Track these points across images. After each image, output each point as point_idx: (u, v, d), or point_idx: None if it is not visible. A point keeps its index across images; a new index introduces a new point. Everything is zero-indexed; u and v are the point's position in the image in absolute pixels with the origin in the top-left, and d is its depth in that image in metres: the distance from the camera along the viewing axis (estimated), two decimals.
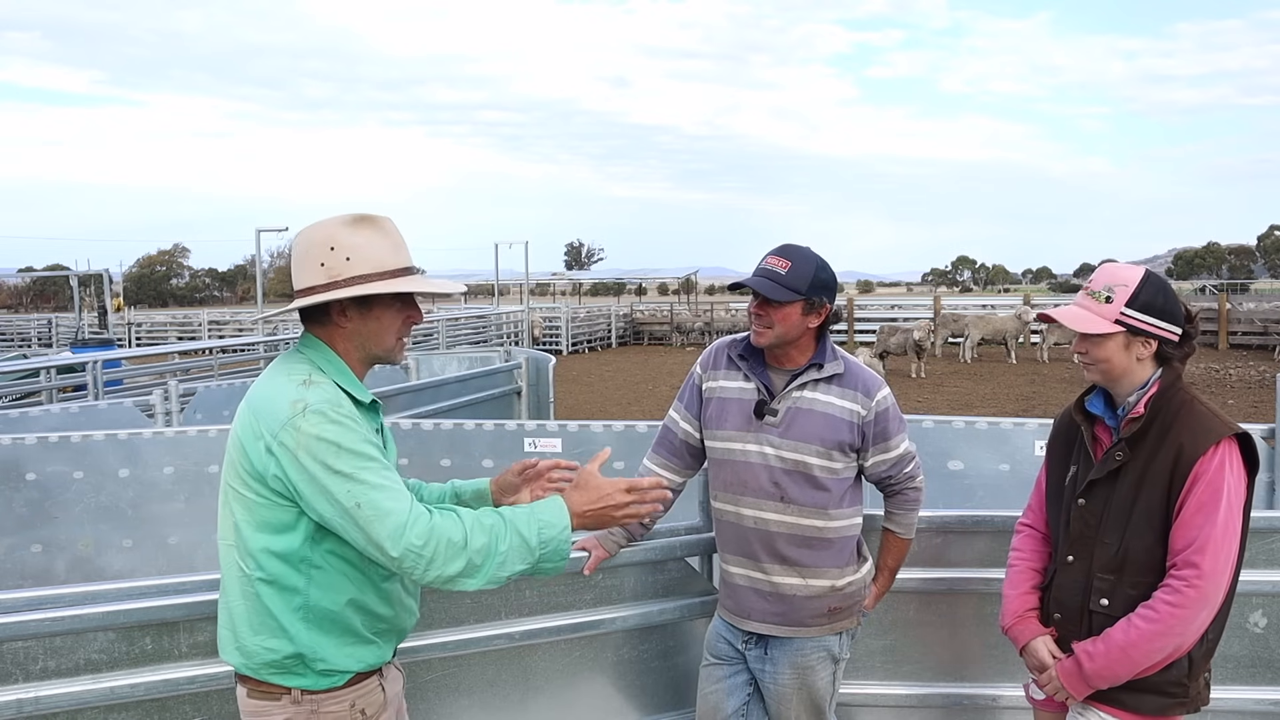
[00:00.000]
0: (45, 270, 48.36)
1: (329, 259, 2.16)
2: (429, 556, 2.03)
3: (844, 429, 2.87)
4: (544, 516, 2.15)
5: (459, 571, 2.05)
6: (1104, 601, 2.51)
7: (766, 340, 2.87)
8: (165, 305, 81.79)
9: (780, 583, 2.92)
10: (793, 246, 2.91)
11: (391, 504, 2.05)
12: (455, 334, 24.44)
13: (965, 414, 11.09)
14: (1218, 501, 2.37)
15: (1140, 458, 2.48)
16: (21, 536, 5.67)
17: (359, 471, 2.05)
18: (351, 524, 2.05)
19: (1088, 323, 2.51)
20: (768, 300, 2.82)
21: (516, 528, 2.11)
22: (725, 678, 3.04)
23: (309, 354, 2.22)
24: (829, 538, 2.90)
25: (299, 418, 2.06)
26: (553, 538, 2.14)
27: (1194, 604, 2.36)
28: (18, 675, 2.55)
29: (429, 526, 2.04)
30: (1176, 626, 2.37)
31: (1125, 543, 2.48)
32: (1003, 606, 2.76)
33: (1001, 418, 5.66)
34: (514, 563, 2.11)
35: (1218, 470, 2.39)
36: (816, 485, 2.87)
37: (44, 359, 14.59)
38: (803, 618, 2.92)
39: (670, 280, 66.46)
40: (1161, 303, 2.50)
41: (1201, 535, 2.36)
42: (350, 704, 2.20)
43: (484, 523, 2.10)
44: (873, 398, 2.90)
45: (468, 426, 6.08)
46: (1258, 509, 3.15)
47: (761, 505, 2.90)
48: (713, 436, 2.99)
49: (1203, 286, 56.62)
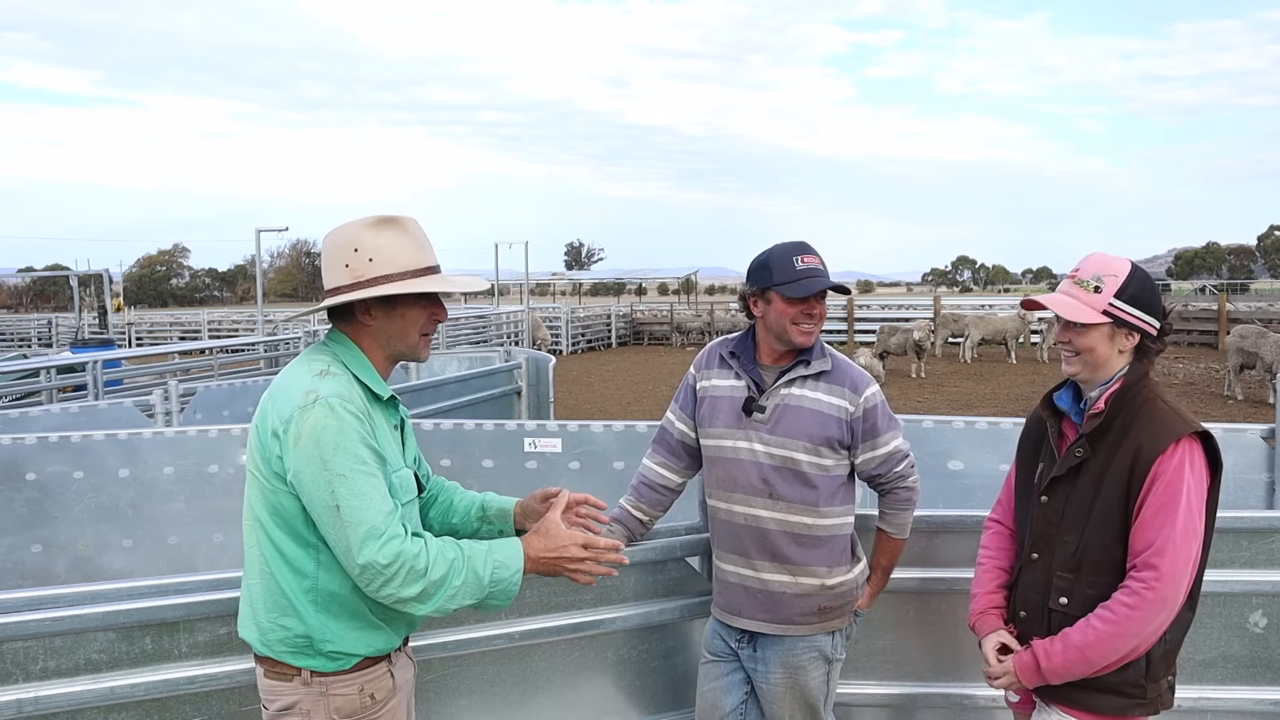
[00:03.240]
0: (45, 270, 48.34)
1: (353, 260, 2.24)
2: (389, 576, 2.09)
3: (832, 425, 2.89)
4: (499, 557, 2.22)
5: (412, 596, 2.12)
6: (1063, 600, 2.49)
7: (815, 336, 2.95)
8: (165, 305, 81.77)
9: (769, 580, 2.93)
10: (808, 243, 2.98)
11: (369, 514, 2.09)
12: (455, 334, 24.45)
13: (965, 414, 11.07)
14: (1177, 503, 2.34)
15: (1101, 455, 2.46)
16: (21, 536, 5.67)
17: (350, 473, 2.10)
18: (329, 522, 2.11)
19: (1077, 311, 2.48)
20: (821, 298, 2.92)
21: (473, 565, 2.18)
22: (723, 675, 3.05)
23: (334, 348, 2.29)
24: (819, 535, 2.91)
25: (307, 408, 2.13)
26: (504, 579, 2.21)
27: (1151, 606, 2.33)
28: (18, 675, 2.55)
29: (399, 549, 2.09)
30: (1133, 628, 2.35)
31: (1084, 541, 2.46)
32: (970, 604, 2.75)
33: (1001, 418, 5.65)
34: (463, 597, 2.18)
35: (1177, 470, 2.35)
36: (805, 482, 2.88)
37: (44, 359, 14.59)
38: (791, 615, 2.93)
39: (670, 280, 66.50)
40: (1148, 296, 2.49)
41: (1161, 537, 2.33)
42: (359, 688, 2.25)
43: (446, 555, 2.16)
44: (860, 394, 2.92)
45: (468, 426, 6.08)
46: (1258, 509, 3.16)
47: (751, 502, 2.92)
48: (705, 434, 3.02)
49: (1203, 286, 56.62)
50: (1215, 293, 41.28)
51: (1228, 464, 5.02)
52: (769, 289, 2.91)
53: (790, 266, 2.89)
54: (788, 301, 2.88)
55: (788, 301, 2.88)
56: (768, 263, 2.93)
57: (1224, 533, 3.08)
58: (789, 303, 2.88)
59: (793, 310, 2.88)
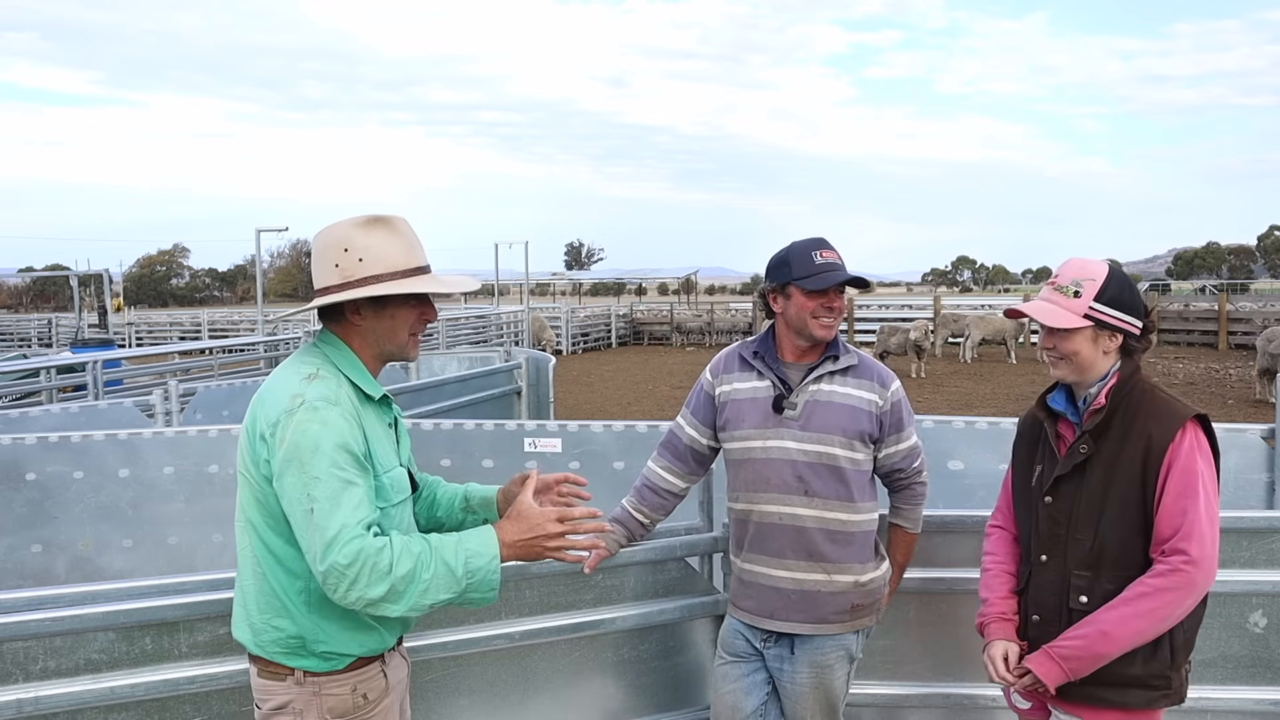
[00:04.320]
0: (45, 270, 48.29)
1: (342, 260, 2.23)
2: (352, 577, 2.04)
3: (864, 419, 2.90)
4: (471, 545, 2.16)
5: (381, 596, 2.06)
6: (1083, 599, 2.49)
7: (835, 331, 2.96)
8: (165, 305, 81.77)
9: (805, 580, 2.91)
10: (826, 239, 2.98)
11: (337, 519, 2.06)
12: (455, 334, 24.44)
13: (965, 414, 11.07)
14: (1196, 487, 2.36)
15: (1106, 450, 2.47)
16: (21, 536, 5.66)
17: (325, 477, 2.08)
18: (302, 525, 2.09)
19: (1058, 317, 2.50)
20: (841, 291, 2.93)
21: (442, 556, 2.12)
22: (743, 676, 3.02)
23: (324, 349, 2.29)
24: (852, 531, 2.91)
25: (293, 412, 2.12)
26: (480, 568, 2.14)
27: (1183, 588, 2.34)
28: (18, 675, 2.55)
29: (359, 548, 2.04)
30: (1162, 610, 2.35)
31: (1100, 537, 2.46)
32: (981, 609, 2.74)
33: (1001, 418, 5.65)
34: (438, 591, 2.11)
35: (1189, 454, 2.38)
36: (840, 477, 2.89)
37: (44, 359, 14.59)
38: (826, 614, 2.92)
39: (670, 280, 66.49)
40: (1128, 297, 2.51)
41: (1187, 521, 2.35)
42: (352, 687, 2.24)
43: (411, 549, 2.10)
44: (888, 387, 2.95)
45: (468, 426, 6.07)
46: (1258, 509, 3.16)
47: (788, 500, 2.90)
48: (731, 438, 3.00)
49: (1203, 286, 56.66)
50: (1215, 293, 41.28)
51: (1228, 464, 5.06)
52: (789, 284, 2.91)
53: (810, 261, 2.90)
54: (807, 295, 2.88)
55: (807, 295, 2.88)
56: (787, 258, 2.93)
57: (1224, 533, 3.06)
58: (809, 296, 2.88)
59: (813, 304, 2.89)
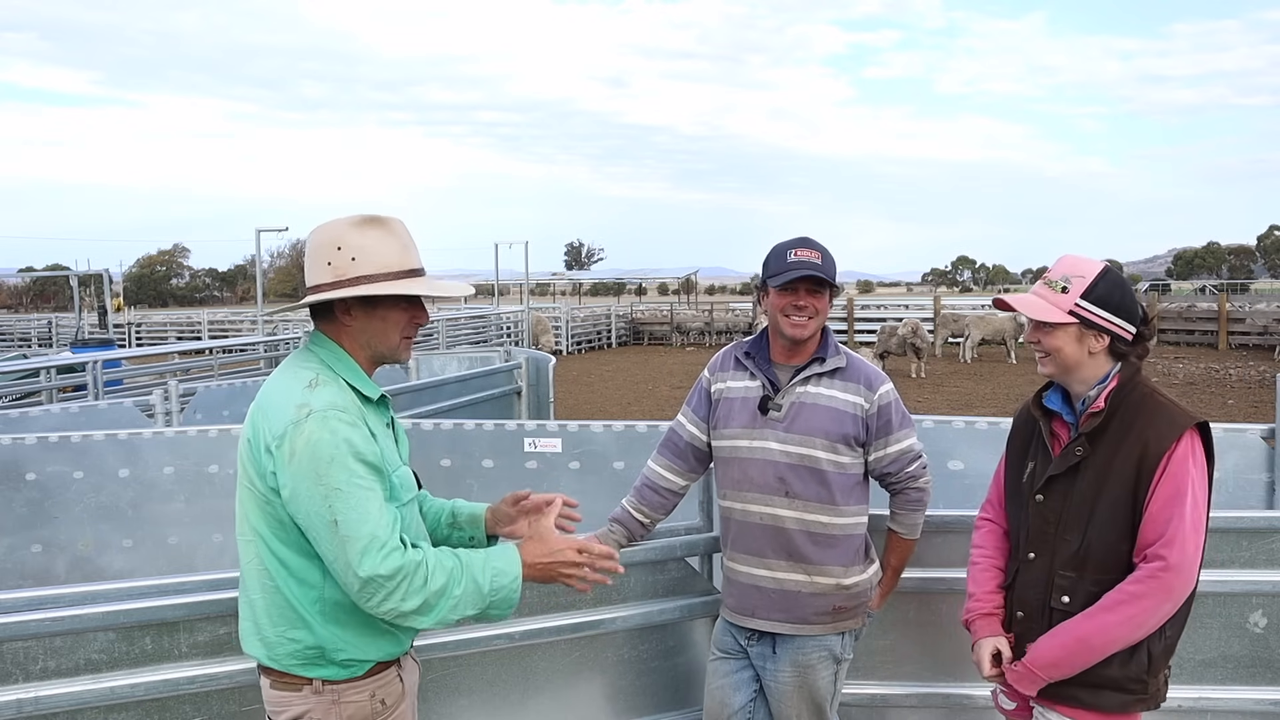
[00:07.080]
0: (45, 270, 48.37)
1: (335, 258, 2.20)
2: (390, 589, 2.05)
3: (848, 422, 2.89)
4: (498, 564, 2.19)
5: (414, 609, 2.08)
6: (1065, 599, 2.48)
7: (809, 330, 2.90)
8: (165, 305, 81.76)
9: (784, 579, 2.92)
10: (811, 239, 2.96)
11: (367, 527, 2.05)
12: (455, 334, 24.44)
13: (965, 414, 11.06)
14: (1184, 495, 2.35)
15: (1101, 453, 2.46)
16: (21, 536, 5.66)
17: (345, 486, 2.06)
18: (326, 537, 2.07)
19: (1042, 311, 2.49)
20: (817, 289, 2.89)
21: (472, 574, 2.15)
22: (732, 673, 3.05)
23: (319, 351, 2.26)
24: (835, 534, 2.91)
25: (300, 423, 2.09)
26: (503, 586, 2.18)
27: (1158, 595, 2.34)
28: (18, 675, 2.55)
29: (401, 560, 2.06)
30: (1139, 616, 2.35)
31: (1087, 539, 2.45)
32: (967, 603, 2.73)
33: (1001, 418, 5.64)
34: (465, 607, 2.14)
35: (1181, 463, 2.37)
36: (822, 480, 2.89)
37: (44, 359, 14.58)
38: (806, 615, 2.93)
39: (670, 280, 66.52)
40: (1118, 298, 2.47)
41: (1170, 529, 2.34)
42: (370, 694, 2.23)
43: (444, 564, 2.12)
44: (875, 391, 2.93)
45: (468, 426, 6.07)
46: (1258, 509, 3.16)
47: (769, 501, 2.92)
48: (720, 436, 3.02)
49: (1203, 286, 56.65)
50: (1215, 293, 41.25)
51: (1228, 464, 5.06)
52: (766, 282, 2.94)
53: (783, 259, 2.91)
54: (778, 293, 2.90)
55: (778, 293, 2.90)
56: (768, 258, 2.96)
57: (1224, 533, 3.08)
58: (778, 294, 2.90)
59: (782, 302, 2.90)
